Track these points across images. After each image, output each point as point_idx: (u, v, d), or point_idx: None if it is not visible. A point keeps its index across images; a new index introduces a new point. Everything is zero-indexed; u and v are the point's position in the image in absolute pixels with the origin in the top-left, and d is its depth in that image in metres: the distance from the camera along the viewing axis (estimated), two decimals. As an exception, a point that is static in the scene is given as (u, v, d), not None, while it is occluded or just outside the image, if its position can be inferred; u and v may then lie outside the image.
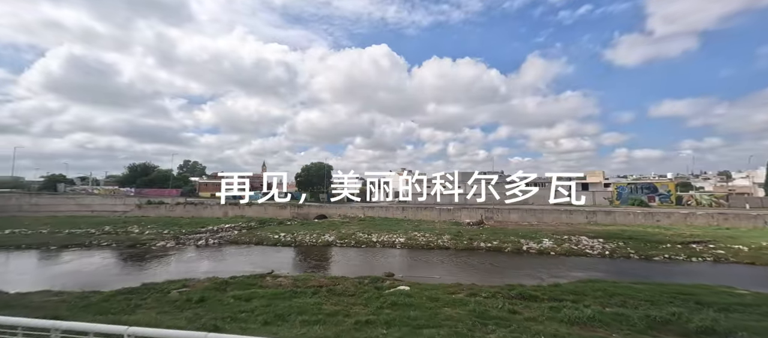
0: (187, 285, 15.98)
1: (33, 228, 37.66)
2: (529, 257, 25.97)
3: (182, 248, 29.82)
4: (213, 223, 41.10)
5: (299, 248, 29.94)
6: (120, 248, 29.41)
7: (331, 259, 25.88)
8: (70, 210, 48.73)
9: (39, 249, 28.86)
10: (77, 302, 13.02)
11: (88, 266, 23.75)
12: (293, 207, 47.89)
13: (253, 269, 22.06)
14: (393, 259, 25.44)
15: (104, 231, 36.03)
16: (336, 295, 13.80)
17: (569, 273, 20.47)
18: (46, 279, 18.97)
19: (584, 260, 24.55)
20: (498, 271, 21.78)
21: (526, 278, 18.59)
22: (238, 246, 30.77)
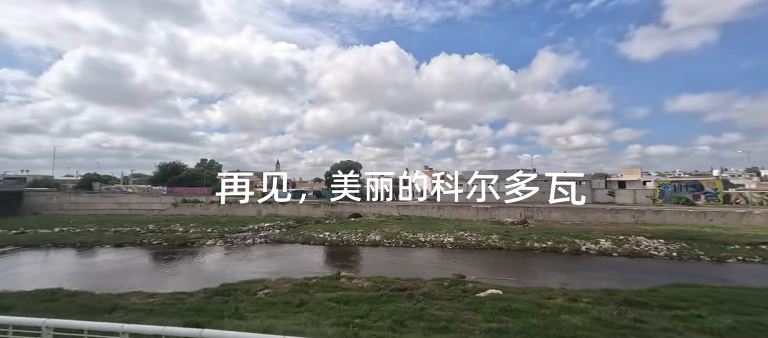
0: (268, 286, 15.83)
1: (79, 226, 38.50)
2: (590, 258, 25.09)
3: (232, 246, 29.92)
4: (250, 222, 41.28)
5: (347, 247, 29.68)
6: (172, 247, 29.68)
7: (387, 259, 25.44)
8: (109, 209, 49.70)
9: (94, 247, 29.39)
10: (174, 303, 12.95)
11: (161, 265, 24.02)
12: (326, 206, 47.81)
13: (316, 269, 21.95)
14: (450, 260, 24.89)
15: (149, 229, 36.53)
16: (431, 299, 13.38)
17: (646, 276, 19.56)
18: (124, 279, 19.11)
19: (651, 262, 23.56)
20: (570, 273, 20.99)
21: (607, 281, 17.84)
22: (286, 245, 30.71)
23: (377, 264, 23.56)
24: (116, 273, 21.18)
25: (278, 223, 40.59)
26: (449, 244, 29.51)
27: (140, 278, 19.69)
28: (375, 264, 23.59)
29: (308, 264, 23.76)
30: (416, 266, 22.86)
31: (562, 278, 19.54)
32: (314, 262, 24.32)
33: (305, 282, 16.46)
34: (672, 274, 20.10)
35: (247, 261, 24.68)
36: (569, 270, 22.09)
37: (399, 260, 25.12)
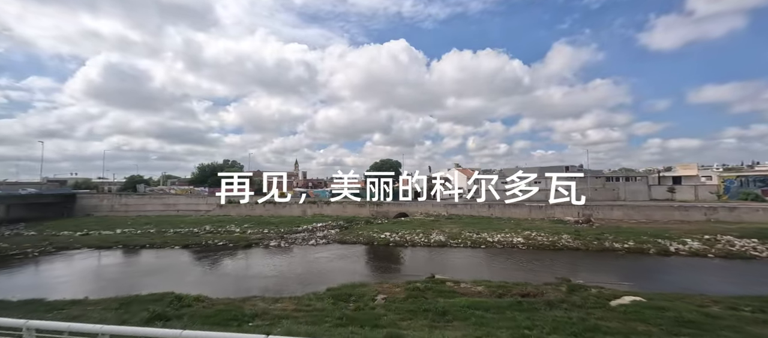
0: (379, 291, 15.25)
1: (137, 227, 39.16)
2: (682, 260, 23.66)
3: (298, 247, 29.73)
4: (299, 222, 41.05)
5: (414, 248, 29.03)
6: (238, 247, 29.77)
7: (465, 261, 24.62)
8: (157, 210, 50.66)
9: (164, 248, 29.72)
10: (308, 310, 12.50)
11: (247, 267, 23.97)
12: (372, 205, 47.30)
13: (400, 270, 21.35)
14: (533, 262, 23.86)
15: (206, 230, 36.86)
16: (576, 307, 12.48)
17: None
18: (236, 282, 18.94)
19: (758, 265, 21.97)
20: (677, 276, 19.71)
21: (729, 286, 16.56)
22: (350, 246, 30.35)
23: (461, 266, 22.78)
24: (211, 275, 21.14)
25: (329, 223, 40.31)
26: (520, 245, 28.47)
27: (240, 280, 19.53)
28: (458, 266, 22.81)
29: (388, 265, 23.22)
30: (502, 268, 21.98)
31: (674, 280, 18.34)
32: (392, 263, 23.75)
33: (414, 286, 15.80)
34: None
35: (326, 262, 24.39)
36: (672, 273, 20.82)
37: (477, 261, 24.28)
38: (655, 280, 18.53)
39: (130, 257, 27.61)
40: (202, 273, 22.62)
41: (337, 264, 23.78)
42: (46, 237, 34.38)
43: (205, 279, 20.59)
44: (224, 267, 24.05)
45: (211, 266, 24.28)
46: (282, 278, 20.23)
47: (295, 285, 18.13)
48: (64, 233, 36.29)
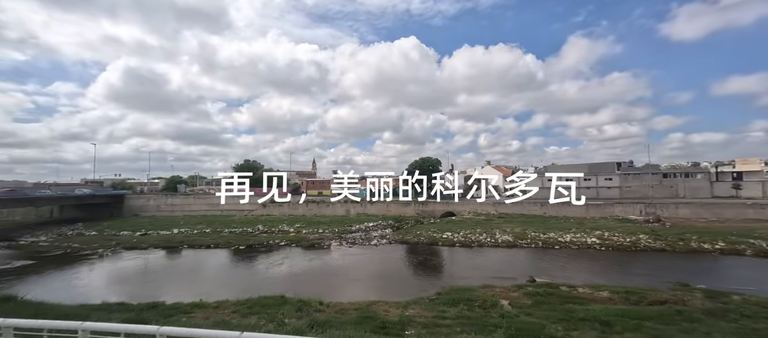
0: (497, 296, 14.53)
1: (191, 226, 39.59)
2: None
3: (361, 247, 29.35)
4: (343, 222, 40.51)
5: (483, 248, 28.17)
6: (301, 246, 29.77)
7: (551, 263, 23.42)
8: (202, 210, 51.26)
9: (229, 248, 29.79)
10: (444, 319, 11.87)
11: (329, 267, 23.68)
12: (417, 205, 46.60)
13: (488, 272, 20.52)
14: (624, 264, 22.67)
15: (260, 230, 36.99)
16: (744, 317, 11.44)
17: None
18: (335, 284, 18.58)
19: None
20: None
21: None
22: (412, 246, 29.74)
23: (548, 268, 21.72)
24: (303, 277, 20.86)
25: (380, 223, 39.78)
26: (596, 245, 27.24)
27: (337, 282, 19.12)
28: (546, 268, 21.74)
29: (469, 267, 22.47)
30: (598, 271, 20.87)
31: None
32: (473, 265, 22.99)
33: (530, 291, 15.01)
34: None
35: (401, 262, 23.99)
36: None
37: (562, 263, 23.18)
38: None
39: (204, 257, 27.71)
40: (290, 274, 22.20)
41: (414, 265, 23.19)
42: (109, 237, 35.14)
43: (299, 280, 20.16)
44: (308, 268, 23.59)
45: (291, 267, 23.97)
46: (375, 279, 19.76)
47: (395, 287, 17.63)
48: (123, 233, 37.00)
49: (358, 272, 21.90)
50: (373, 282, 19.16)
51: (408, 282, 18.67)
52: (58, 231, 39.29)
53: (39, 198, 40.56)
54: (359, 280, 19.85)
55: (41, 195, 41.45)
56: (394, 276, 20.52)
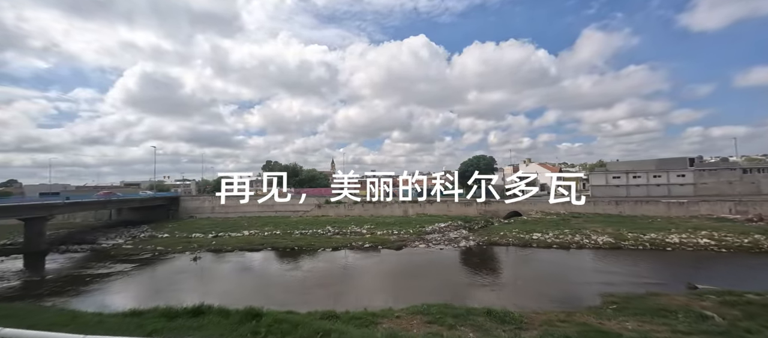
0: (685, 306, 13.27)
1: (257, 228, 39.38)
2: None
3: (449, 249, 28.35)
4: (403, 222, 39.38)
5: (581, 250, 26.79)
6: (389, 247, 29.20)
7: (680, 266, 21.94)
8: (256, 211, 50.93)
9: (314, 251, 29.23)
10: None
11: (447, 272, 22.85)
12: (479, 205, 45.28)
13: (618, 278, 19.22)
14: (758, 269, 20.96)
15: (333, 231, 36.33)
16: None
17: None
18: (476, 290, 17.69)
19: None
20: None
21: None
22: (502, 247, 28.70)
23: (692, 272, 20.14)
24: (434, 282, 20.05)
25: (450, 224, 38.57)
26: (712, 246, 25.51)
27: (475, 288, 18.23)
28: (689, 272, 20.17)
29: (591, 271, 21.24)
30: (753, 277, 19.23)
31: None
32: (596, 269, 21.74)
33: (730, 300, 13.66)
34: None
35: (514, 266, 22.77)
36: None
37: (694, 267, 21.62)
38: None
39: (301, 260, 26.88)
40: (413, 278, 21.30)
41: (534, 268, 22.06)
42: (183, 239, 35.17)
43: (430, 285, 19.28)
44: (420, 272, 22.73)
45: (402, 270, 23.13)
46: (526, 285, 18.53)
47: (548, 292, 16.54)
48: (195, 235, 37.06)
49: (497, 277, 20.83)
50: (530, 289, 17.93)
51: (555, 288, 17.55)
52: (129, 233, 39.68)
53: (110, 201, 41.11)
54: (504, 285, 18.72)
55: (113, 198, 42.06)
56: (535, 281, 19.36)
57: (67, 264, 28.07)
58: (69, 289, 20.49)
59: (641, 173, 46.56)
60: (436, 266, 24.00)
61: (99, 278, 23.21)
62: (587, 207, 41.60)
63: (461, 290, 17.91)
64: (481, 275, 21.16)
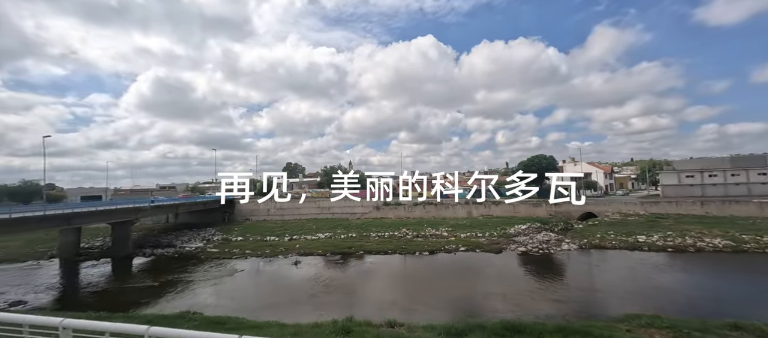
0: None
1: (329, 230, 38.62)
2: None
3: (565, 253, 27.32)
4: (480, 225, 38.40)
5: (700, 253, 25.41)
6: (485, 250, 28.42)
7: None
8: (313, 214, 50.65)
9: (410, 254, 28.55)
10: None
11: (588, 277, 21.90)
12: (548, 205, 43.88)
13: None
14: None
15: (413, 233, 35.54)
16: None
17: None
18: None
19: None
20: None
21: None
22: (608, 251, 27.42)
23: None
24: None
25: (530, 226, 37.13)
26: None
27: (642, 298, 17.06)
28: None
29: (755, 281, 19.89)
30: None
31: None
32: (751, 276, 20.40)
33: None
34: None
35: (646, 272, 21.54)
36: None
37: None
38: None
39: (418, 264, 26.31)
40: (586, 284, 20.30)
41: (700, 277, 20.69)
42: (260, 242, 34.88)
43: (618, 291, 18.26)
44: (581, 277, 21.76)
45: (560, 276, 22.12)
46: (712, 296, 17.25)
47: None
48: (270, 238, 36.74)
49: (625, 284, 19.73)
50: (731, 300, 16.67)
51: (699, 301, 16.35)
52: (199, 236, 39.60)
53: (180, 204, 41.23)
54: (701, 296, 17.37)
55: (180, 201, 42.24)
56: (716, 292, 18.02)
57: (165, 266, 27.90)
58: (205, 294, 20.10)
59: (717, 172, 44.57)
60: (582, 271, 22.99)
61: (213, 281, 22.85)
62: (669, 207, 39.97)
63: (659, 299, 16.54)
64: (661, 281, 19.84)
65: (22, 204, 53.17)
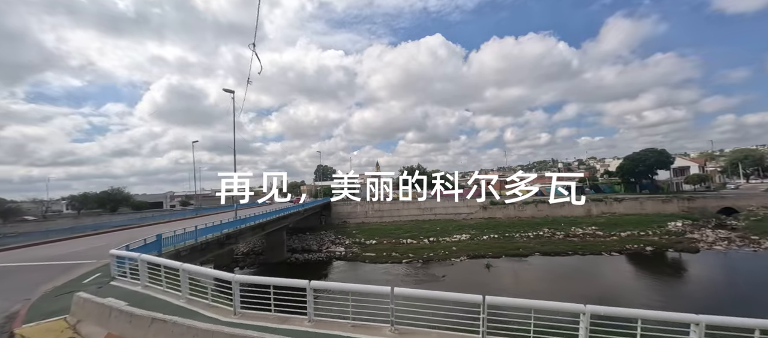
0: None
1: (449, 234, 37.30)
2: None
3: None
4: (586, 222, 36.48)
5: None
6: (681, 250, 26.33)
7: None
8: (413, 215, 49.70)
9: (584, 254, 27.13)
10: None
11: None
12: (681, 201, 41.41)
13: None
14: None
15: (564, 234, 34.04)
16: None
17: None
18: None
19: None
20: None
21: None
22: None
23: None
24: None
25: (687, 222, 34.67)
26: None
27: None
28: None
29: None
30: None
31: None
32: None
33: None
34: None
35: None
36: None
37: None
38: None
39: (641, 267, 24.67)
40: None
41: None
42: (400, 246, 34.11)
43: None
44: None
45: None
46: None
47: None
48: (406, 241, 35.89)
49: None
50: None
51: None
52: (327, 240, 39.28)
53: (302, 209, 41.05)
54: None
55: (300, 207, 42.18)
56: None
57: (335, 271, 27.46)
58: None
59: None
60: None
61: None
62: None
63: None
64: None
65: (110, 213, 55.22)
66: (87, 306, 6.20)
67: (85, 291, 7.11)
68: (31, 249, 17.58)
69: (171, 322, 5.10)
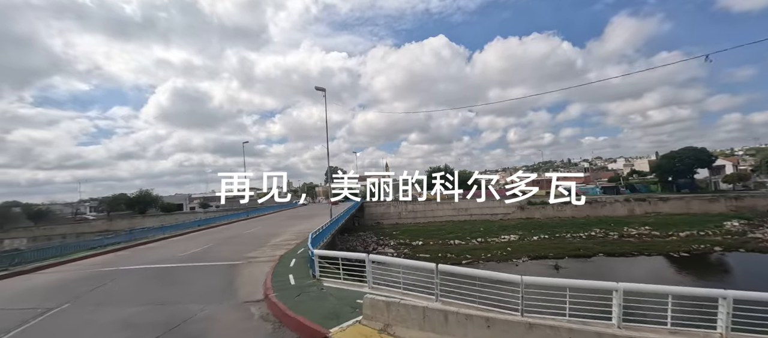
0: None
1: (494, 234, 36.80)
2: None
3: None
4: (633, 221, 36.00)
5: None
6: (752, 250, 25.79)
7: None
8: (447, 215, 49.36)
9: (650, 255, 26.63)
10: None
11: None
12: (727, 200, 40.68)
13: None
14: None
15: (618, 235, 33.43)
16: None
17: None
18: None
19: None
20: None
21: None
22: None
23: None
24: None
25: (745, 222, 34.03)
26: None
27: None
28: None
29: None
30: None
31: None
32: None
33: None
34: None
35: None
36: None
37: None
38: None
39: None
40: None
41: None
42: (449, 248, 33.80)
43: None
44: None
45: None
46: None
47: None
48: (454, 242, 35.57)
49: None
50: None
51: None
52: (370, 241, 39.02)
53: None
54: None
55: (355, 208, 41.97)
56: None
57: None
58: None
59: None
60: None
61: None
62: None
63: None
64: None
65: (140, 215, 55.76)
66: (383, 306, 6.00)
67: (367, 294, 6.82)
68: (138, 251, 17.37)
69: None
